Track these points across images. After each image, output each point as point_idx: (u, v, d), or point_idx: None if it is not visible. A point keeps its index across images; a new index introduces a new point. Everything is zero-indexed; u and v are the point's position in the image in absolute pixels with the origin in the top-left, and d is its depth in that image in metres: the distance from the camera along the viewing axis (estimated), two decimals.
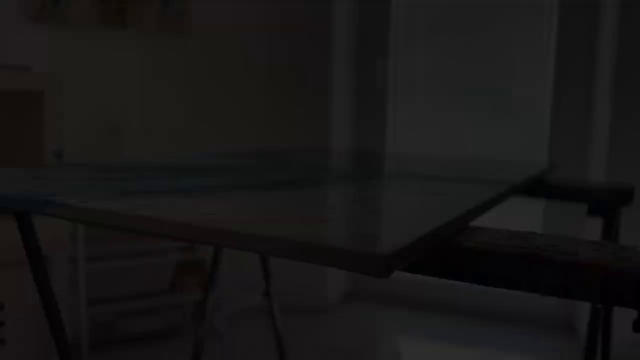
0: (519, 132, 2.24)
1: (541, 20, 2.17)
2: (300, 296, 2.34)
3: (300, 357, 1.89)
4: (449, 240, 0.51)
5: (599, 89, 1.99)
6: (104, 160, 0.96)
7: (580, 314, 2.06)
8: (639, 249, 0.49)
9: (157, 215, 0.49)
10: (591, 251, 0.48)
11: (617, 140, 1.82)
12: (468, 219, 0.57)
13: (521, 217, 2.29)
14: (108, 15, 1.99)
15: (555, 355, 1.94)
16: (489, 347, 2.00)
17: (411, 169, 1.00)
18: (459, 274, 0.49)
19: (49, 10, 1.88)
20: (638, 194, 1.80)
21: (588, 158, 2.12)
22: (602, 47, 1.98)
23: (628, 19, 1.79)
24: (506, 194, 0.76)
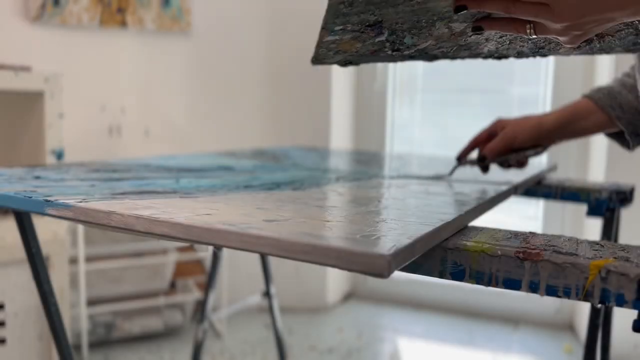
0: None
1: None
2: (300, 296, 2.34)
3: (300, 357, 1.89)
4: (448, 240, 0.51)
5: None
6: (104, 161, 0.96)
7: (580, 314, 2.06)
8: (639, 249, 0.49)
9: (157, 215, 0.49)
10: (591, 251, 0.48)
11: None
12: (468, 219, 0.57)
13: (521, 217, 2.29)
14: (108, 15, 1.99)
15: (555, 355, 1.94)
16: (489, 347, 2.00)
17: (411, 169, 1.00)
18: (459, 274, 0.49)
19: (49, 10, 1.88)
20: (638, 194, 1.80)
21: (588, 158, 2.12)
22: None
23: None
24: (506, 194, 0.76)
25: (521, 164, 0.92)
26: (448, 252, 0.49)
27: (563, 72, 2.14)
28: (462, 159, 0.93)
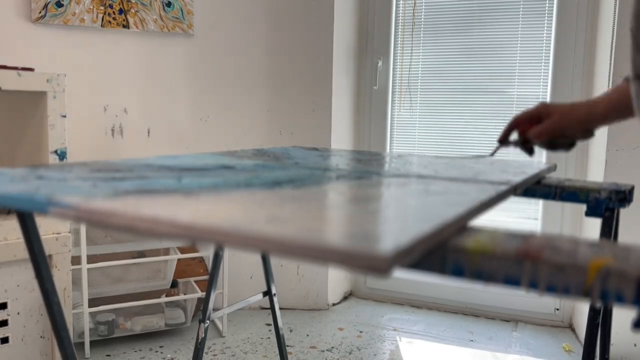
0: None
1: (541, 20, 2.17)
2: (301, 295, 2.34)
3: (301, 355, 1.89)
4: (448, 240, 0.51)
5: (598, 89, 1.99)
6: (106, 161, 0.96)
7: (580, 313, 2.06)
8: (639, 249, 0.49)
9: (158, 215, 0.49)
10: (591, 251, 0.48)
11: (616, 141, 1.82)
12: (468, 219, 0.58)
13: (521, 217, 2.29)
14: (110, 16, 2.00)
15: (555, 354, 1.95)
16: (489, 347, 2.00)
17: (411, 169, 1.01)
18: (459, 273, 0.50)
19: (51, 11, 1.89)
20: (637, 194, 1.81)
21: (587, 158, 2.12)
22: (602, 47, 1.98)
23: (626, 20, 1.79)
24: (506, 194, 0.76)
25: (570, 145, 0.93)
26: (448, 252, 0.50)
27: (562, 73, 2.14)
28: (503, 140, 0.96)
